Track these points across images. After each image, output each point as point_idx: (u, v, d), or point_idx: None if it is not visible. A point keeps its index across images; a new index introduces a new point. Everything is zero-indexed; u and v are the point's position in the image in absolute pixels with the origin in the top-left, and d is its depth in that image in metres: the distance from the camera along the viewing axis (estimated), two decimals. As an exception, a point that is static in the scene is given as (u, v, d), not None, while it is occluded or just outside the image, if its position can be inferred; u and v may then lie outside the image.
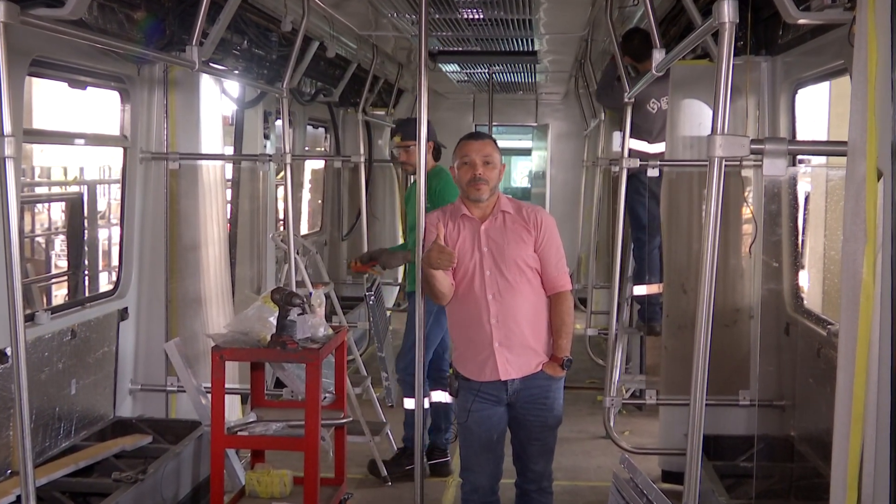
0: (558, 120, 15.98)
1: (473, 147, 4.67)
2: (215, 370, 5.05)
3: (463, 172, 4.66)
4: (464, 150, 4.68)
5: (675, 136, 6.34)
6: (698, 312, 3.33)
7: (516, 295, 4.59)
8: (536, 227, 4.64)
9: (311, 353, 4.99)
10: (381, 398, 7.81)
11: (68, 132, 10.73)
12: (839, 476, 3.15)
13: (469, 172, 4.63)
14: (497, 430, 4.69)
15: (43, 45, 4.91)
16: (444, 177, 6.40)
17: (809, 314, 5.64)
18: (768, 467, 5.59)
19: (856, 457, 3.10)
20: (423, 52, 4.77)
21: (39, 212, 12.59)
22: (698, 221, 6.26)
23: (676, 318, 6.35)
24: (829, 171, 6.24)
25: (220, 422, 5.08)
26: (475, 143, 4.70)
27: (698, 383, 3.36)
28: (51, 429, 5.41)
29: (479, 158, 4.63)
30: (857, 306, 3.05)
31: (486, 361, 4.60)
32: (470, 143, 4.70)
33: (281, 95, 6.64)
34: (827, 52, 5.07)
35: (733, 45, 3.28)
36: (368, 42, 9.29)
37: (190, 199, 6.48)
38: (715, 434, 5.85)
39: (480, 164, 4.62)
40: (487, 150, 4.66)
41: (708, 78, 5.86)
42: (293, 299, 5.03)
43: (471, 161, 4.63)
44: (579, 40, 9.24)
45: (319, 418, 5.04)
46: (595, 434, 7.75)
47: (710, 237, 3.32)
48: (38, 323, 5.17)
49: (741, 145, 3.29)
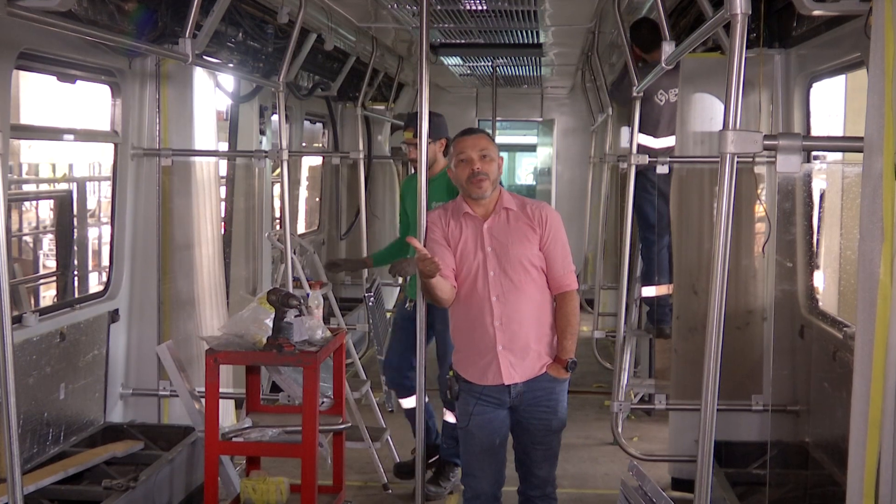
0: (564, 115, 15.99)
1: (468, 143, 4.68)
2: (209, 374, 5.03)
3: (461, 170, 4.66)
4: (458, 147, 4.70)
5: (686, 131, 6.34)
6: (709, 314, 3.33)
7: (521, 296, 4.58)
8: (541, 224, 4.63)
9: (308, 357, 4.98)
10: (381, 403, 7.81)
11: (57, 127, 10.69)
12: (855, 483, 3.15)
13: (467, 169, 4.63)
14: (499, 435, 4.69)
15: (31, 37, 4.91)
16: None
17: (825, 316, 5.63)
18: (782, 475, 5.59)
19: (872, 464, 3.10)
20: (425, 44, 4.77)
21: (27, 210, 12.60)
22: (709, 220, 6.25)
23: (687, 320, 6.35)
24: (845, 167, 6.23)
25: (215, 427, 5.07)
26: (469, 138, 4.71)
27: (709, 388, 3.35)
28: (39, 435, 5.41)
29: (476, 153, 4.63)
30: (873, 308, 3.05)
31: (489, 365, 4.60)
32: (464, 140, 4.71)
33: (277, 89, 6.64)
34: (843, 45, 5.06)
35: (746, 38, 3.28)
36: (368, 34, 9.29)
37: (183, 196, 6.48)
38: (726, 440, 5.85)
39: (478, 159, 4.62)
40: (482, 143, 4.67)
41: (719, 71, 5.86)
42: (290, 301, 5.02)
43: (467, 157, 4.63)
44: (586, 32, 9.24)
45: (317, 424, 5.04)
46: (602, 440, 7.74)
47: (722, 236, 3.32)
48: (25, 325, 5.17)
49: (754, 141, 3.29)
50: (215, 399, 5.03)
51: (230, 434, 5.19)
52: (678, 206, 6.51)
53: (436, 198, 6.01)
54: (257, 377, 5.67)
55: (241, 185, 7.93)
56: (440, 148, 6.33)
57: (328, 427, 5.45)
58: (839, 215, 6.24)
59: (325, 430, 5.42)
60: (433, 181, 6.11)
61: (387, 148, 12.31)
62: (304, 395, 5.06)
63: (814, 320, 5.72)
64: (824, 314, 5.67)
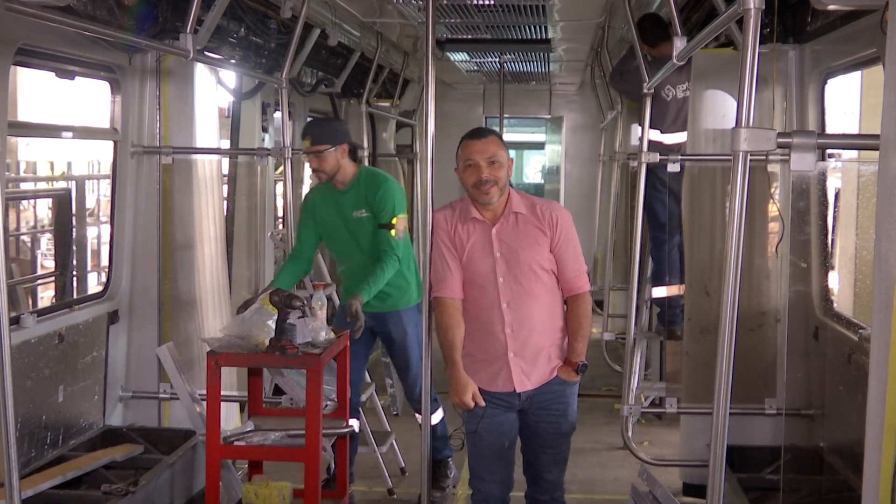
0: (573, 112, 15.98)
1: (476, 148, 4.56)
2: (211, 376, 5.01)
3: (468, 175, 4.57)
4: (465, 151, 4.58)
5: (697, 128, 6.33)
6: (721, 316, 3.32)
7: (532, 301, 4.57)
8: (552, 227, 4.59)
9: (311, 359, 4.96)
10: (386, 406, 7.81)
11: (55, 125, 10.72)
12: (871, 489, 3.14)
13: (474, 175, 4.53)
14: (508, 437, 4.69)
15: (29, 32, 4.91)
16: (389, 187, 5.98)
17: (839, 318, 5.63)
18: (796, 480, 5.58)
19: (888, 469, 3.09)
20: (431, 39, 4.76)
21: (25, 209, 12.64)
22: (721, 219, 6.25)
23: (698, 322, 6.34)
24: (861, 165, 6.24)
25: (216, 431, 5.05)
26: (477, 142, 4.58)
27: (721, 391, 3.35)
28: (37, 438, 5.42)
29: (484, 160, 4.52)
30: (890, 309, 3.04)
31: (499, 371, 4.60)
32: (472, 144, 4.59)
33: (280, 86, 6.64)
34: (858, 40, 5.05)
35: (759, 33, 3.27)
36: (372, 29, 9.29)
37: (184, 195, 6.49)
38: (739, 445, 5.84)
39: (486, 166, 4.51)
40: (492, 148, 4.55)
41: (732, 67, 5.86)
42: (293, 301, 5.01)
43: (475, 163, 4.53)
44: (595, 27, 9.24)
45: (321, 427, 5.02)
46: (612, 445, 7.74)
47: (735, 236, 3.31)
48: (23, 326, 5.17)
49: (767, 139, 3.28)
50: (217, 402, 5.02)
51: (232, 438, 5.18)
52: (690, 205, 6.50)
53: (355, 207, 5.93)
54: (259, 380, 5.67)
55: (244, 183, 7.93)
56: (343, 155, 5.95)
57: (332, 431, 5.43)
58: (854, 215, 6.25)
59: (329, 433, 5.40)
60: (345, 195, 5.99)
61: (392, 146, 12.30)
62: (307, 398, 5.04)
63: (828, 322, 5.71)
64: (839, 316, 5.66)
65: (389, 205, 5.90)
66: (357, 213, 5.97)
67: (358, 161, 6.17)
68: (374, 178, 6.04)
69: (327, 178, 5.96)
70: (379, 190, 5.94)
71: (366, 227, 5.97)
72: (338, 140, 5.92)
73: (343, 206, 6.00)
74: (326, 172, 5.92)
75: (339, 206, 6.02)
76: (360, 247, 6.02)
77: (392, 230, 5.88)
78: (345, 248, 6.10)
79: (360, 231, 5.99)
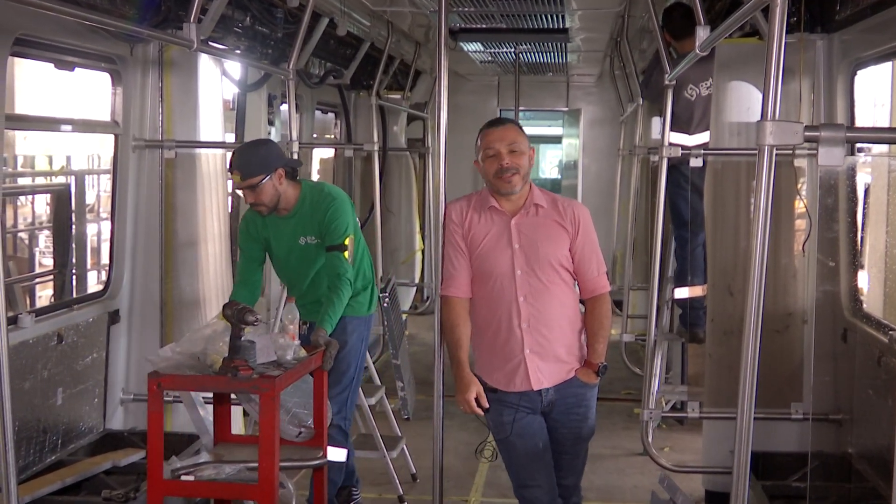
0: (591, 104, 15.96)
1: (495, 135, 4.59)
2: (152, 402, 4.57)
3: (488, 165, 4.59)
4: (485, 140, 4.61)
5: (721, 122, 6.32)
6: (746, 317, 3.32)
7: (550, 297, 4.58)
8: (573, 224, 4.61)
9: (265, 382, 4.49)
10: (396, 410, 7.83)
11: (54, 118, 10.75)
12: (902, 498, 3.14)
13: (495, 164, 4.56)
14: (542, 438, 4.68)
15: (27, 22, 4.94)
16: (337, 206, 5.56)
17: (869, 319, 5.62)
18: (823, 487, 5.58)
19: (920, 477, 3.09)
20: (443, 29, 4.77)
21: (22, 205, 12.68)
22: (746, 216, 6.24)
23: (722, 324, 6.34)
24: (892, 160, 6.22)
25: (158, 466, 4.59)
26: (496, 130, 4.62)
27: (746, 395, 3.35)
28: (35, 442, 5.44)
29: (504, 147, 4.55)
30: (922, 310, 3.04)
31: (515, 370, 4.60)
32: (491, 132, 4.62)
33: (287, 77, 6.65)
34: (889, 29, 5.05)
35: (785, 22, 3.26)
36: (383, 19, 9.31)
37: (187, 190, 6.50)
38: (764, 451, 5.84)
39: (506, 154, 4.54)
40: (511, 135, 4.59)
41: (757, 58, 5.82)
42: (246, 316, 4.57)
43: (495, 151, 4.56)
44: (615, 16, 9.23)
45: (277, 460, 4.57)
46: (631, 450, 7.74)
47: (760, 234, 3.31)
48: (21, 326, 5.19)
49: (794, 132, 3.28)
50: (158, 435, 4.61)
51: (180, 471, 4.71)
52: (713, 201, 6.49)
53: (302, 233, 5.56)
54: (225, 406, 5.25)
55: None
56: (279, 180, 5.42)
57: (295, 464, 4.97)
58: (885, 211, 6.22)
59: (297, 466, 4.99)
60: (288, 220, 5.58)
61: (403, 139, 12.32)
62: (260, 426, 4.60)
63: (857, 323, 5.71)
64: (869, 317, 5.65)
65: (341, 225, 5.51)
66: (304, 240, 5.61)
67: (297, 179, 5.67)
68: (320, 197, 5.60)
69: (269, 211, 5.52)
70: (329, 210, 5.53)
71: (313, 253, 5.62)
72: (270, 166, 5.39)
73: (287, 233, 5.63)
74: (267, 205, 5.46)
75: (283, 233, 5.64)
76: (307, 275, 5.69)
77: (345, 251, 5.48)
78: (293, 276, 5.78)
79: (306, 258, 5.65)
